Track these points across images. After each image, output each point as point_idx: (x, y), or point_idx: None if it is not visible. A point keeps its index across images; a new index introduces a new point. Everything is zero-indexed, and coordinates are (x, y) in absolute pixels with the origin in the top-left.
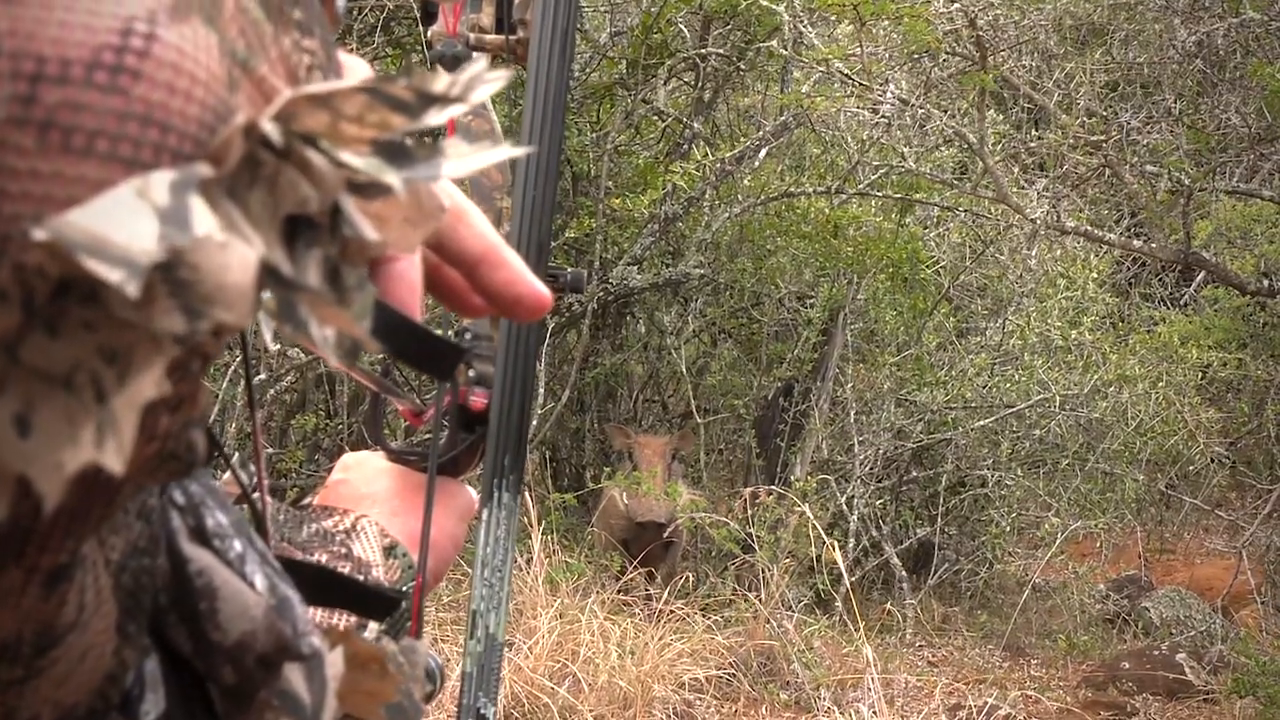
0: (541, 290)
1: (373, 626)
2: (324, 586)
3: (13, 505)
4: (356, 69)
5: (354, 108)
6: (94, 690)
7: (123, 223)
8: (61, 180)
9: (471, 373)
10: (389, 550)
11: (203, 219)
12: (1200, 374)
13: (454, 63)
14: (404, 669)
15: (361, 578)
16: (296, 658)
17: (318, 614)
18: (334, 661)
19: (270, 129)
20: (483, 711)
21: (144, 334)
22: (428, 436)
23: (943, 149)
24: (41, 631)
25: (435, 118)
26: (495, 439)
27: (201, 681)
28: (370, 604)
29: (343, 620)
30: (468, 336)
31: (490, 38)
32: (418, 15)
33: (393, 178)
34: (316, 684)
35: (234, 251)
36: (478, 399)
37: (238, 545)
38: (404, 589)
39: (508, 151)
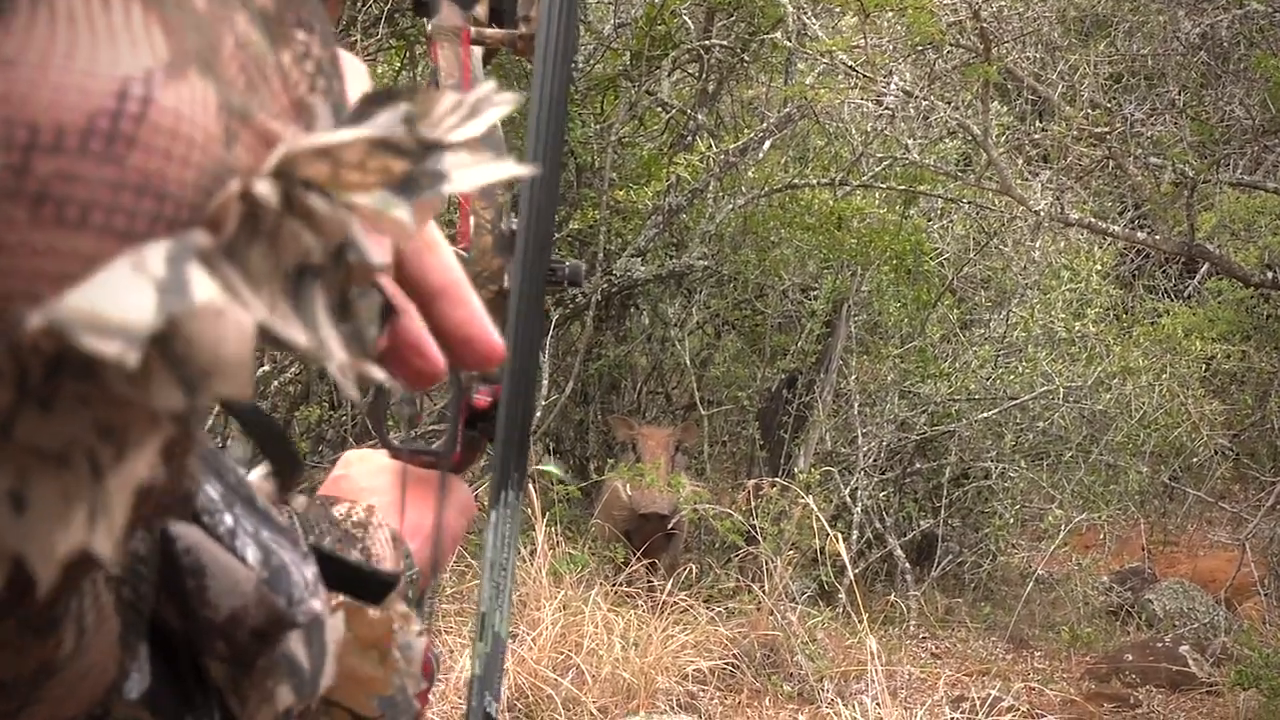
0: (495, 340)
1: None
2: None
3: (8, 579)
4: (354, 69)
5: (355, 155)
6: (95, 701)
7: (119, 298)
8: (55, 254)
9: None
10: (392, 541)
11: (202, 286)
12: (1204, 366)
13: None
14: (399, 664)
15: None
16: (291, 627)
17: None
18: (335, 626)
19: (267, 192)
20: (489, 711)
21: (141, 410)
22: (430, 432)
23: (947, 141)
24: (39, 669)
25: (438, 163)
26: (500, 443)
27: (192, 653)
28: (366, 586)
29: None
30: None
31: (490, 31)
32: (412, 5)
33: (402, 212)
34: (316, 648)
35: (231, 321)
36: (481, 397)
37: (228, 519)
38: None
39: (510, 168)
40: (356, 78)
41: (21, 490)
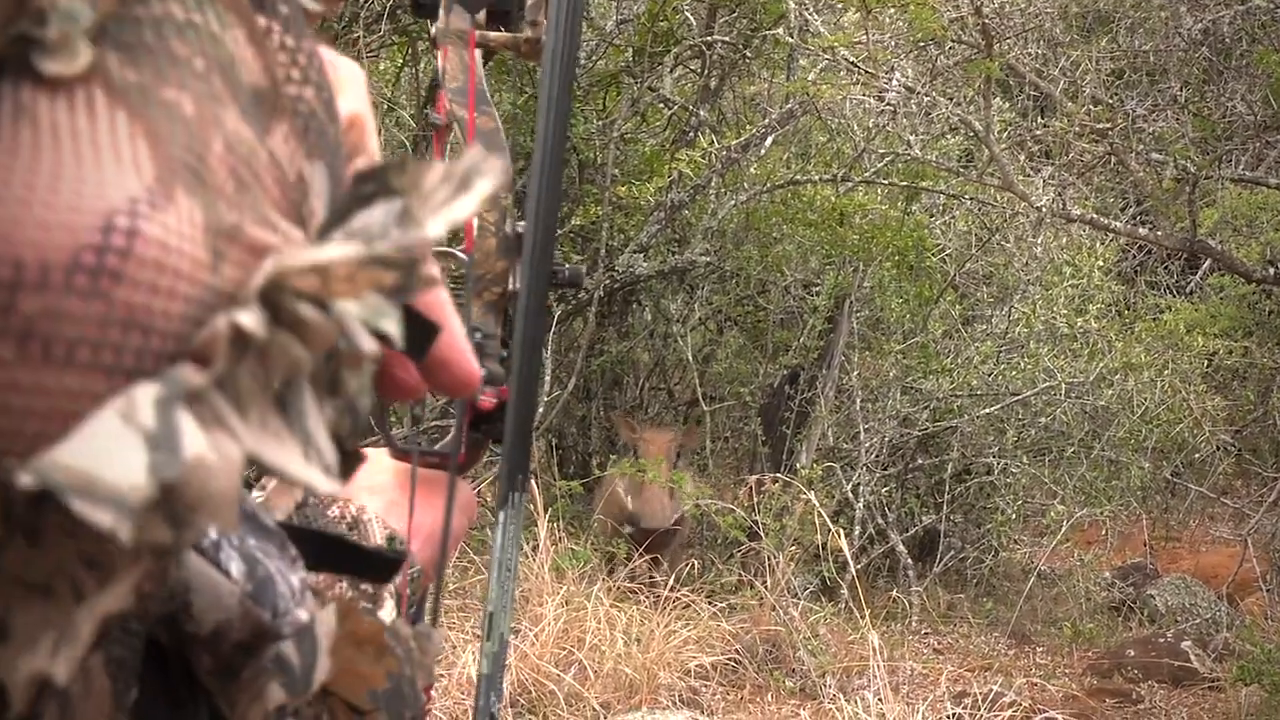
0: (472, 365)
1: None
2: (324, 550)
3: None
4: (349, 75)
5: (345, 270)
6: None
7: (110, 457)
8: (42, 391)
9: (482, 371)
10: (389, 541)
11: (192, 439)
12: (1206, 362)
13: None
14: (413, 655)
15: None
16: (276, 639)
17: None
18: (325, 620)
19: (255, 324)
20: (493, 711)
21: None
22: (433, 428)
23: (949, 137)
24: None
25: (426, 273)
26: (509, 447)
27: (181, 658)
28: (372, 566)
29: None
30: (477, 336)
31: (495, 35)
32: (410, 6)
33: (390, 323)
34: (306, 645)
35: (221, 463)
36: (486, 398)
37: (212, 532)
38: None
39: (477, 199)
40: (351, 84)
41: (5, 618)
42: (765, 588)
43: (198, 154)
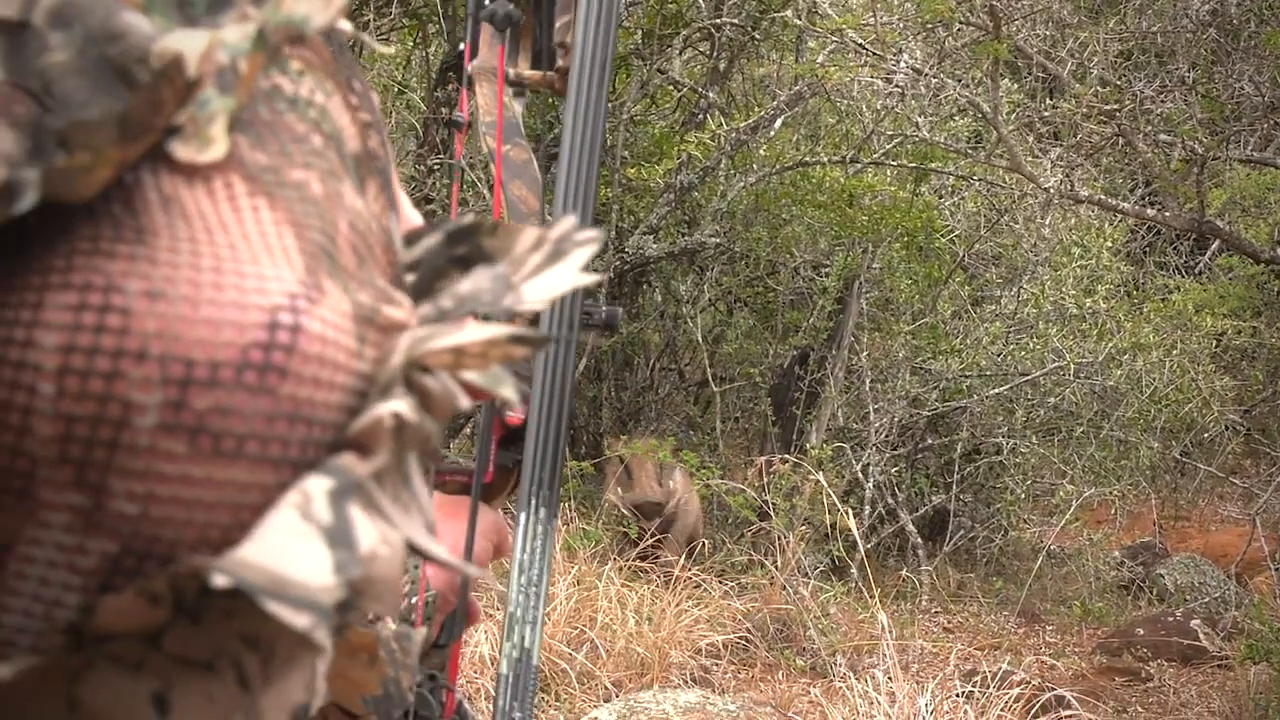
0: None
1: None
2: None
3: None
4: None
5: (479, 348)
6: None
7: (295, 555)
8: (212, 484)
9: (515, 392)
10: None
11: (365, 532)
12: (1214, 342)
13: (506, 21)
14: (395, 656)
15: None
16: None
17: None
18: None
19: (413, 414)
20: (513, 716)
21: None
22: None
23: (957, 118)
24: None
25: (541, 346)
26: (532, 447)
27: None
28: None
29: None
30: None
31: (529, 73)
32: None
33: (508, 389)
34: None
35: (389, 548)
36: (515, 415)
37: None
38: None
39: (574, 271)
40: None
41: (165, 694)
42: (775, 567)
43: (329, 236)
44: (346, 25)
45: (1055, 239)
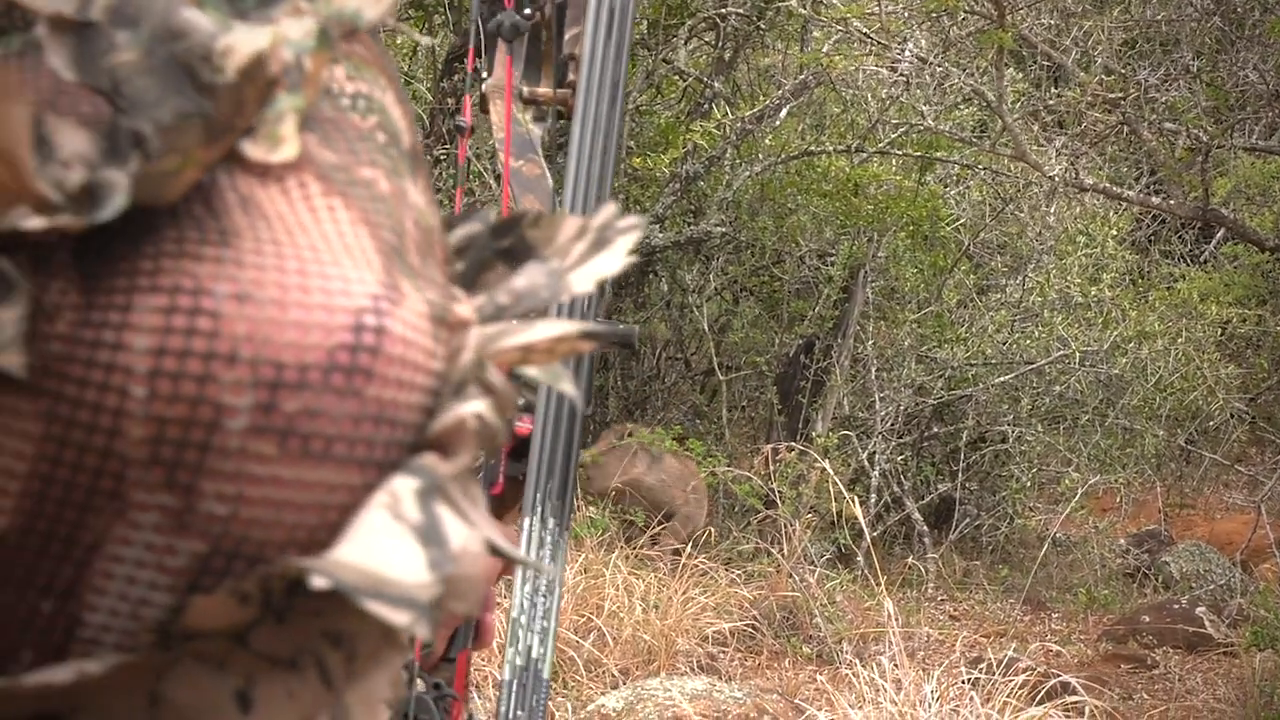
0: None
1: None
2: None
3: None
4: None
5: (548, 344)
6: None
7: (389, 554)
8: (301, 485)
9: (520, 400)
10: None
11: (454, 530)
12: (1220, 330)
13: (512, 31)
14: None
15: None
16: None
17: None
18: None
19: (492, 415)
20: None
21: (372, 621)
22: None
23: (962, 107)
24: None
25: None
26: (538, 454)
27: None
28: None
29: None
30: None
31: (544, 91)
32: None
33: (569, 386)
34: None
35: (477, 545)
36: (524, 425)
37: None
38: None
39: (621, 256)
40: None
41: (248, 691)
42: (782, 555)
43: (399, 234)
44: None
45: (1060, 228)
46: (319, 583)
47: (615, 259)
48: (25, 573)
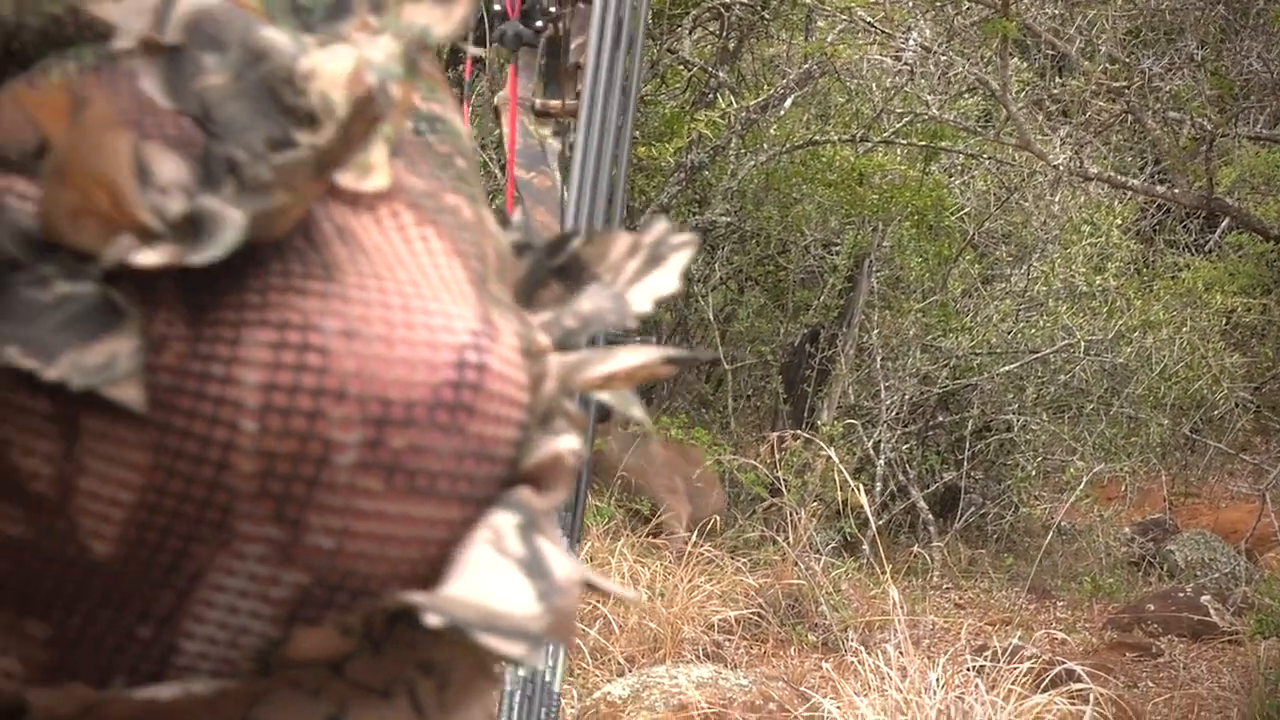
0: None
1: None
2: None
3: None
4: None
5: (629, 372)
6: None
7: (498, 588)
8: (405, 520)
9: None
10: None
11: (558, 563)
12: (1224, 319)
13: (516, 41)
14: None
15: None
16: None
17: None
18: None
19: (578, 448)
20: None
21: (465, 651)
22: None
23: (966, 96)
24: None
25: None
26: None
27: None
28: None
29: None
30: None
31: (554, 103)
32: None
33: (638, 410)
34: None
35: (578, 576)
36: None
37: None
38: None
39: (676, 274)
40: None
41: (341, 718)
42: (787, 543)
43: (484, 262)
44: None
45: (1065, 217)
46: (434, 621)
47: (670, 277)
48: (125, 598)
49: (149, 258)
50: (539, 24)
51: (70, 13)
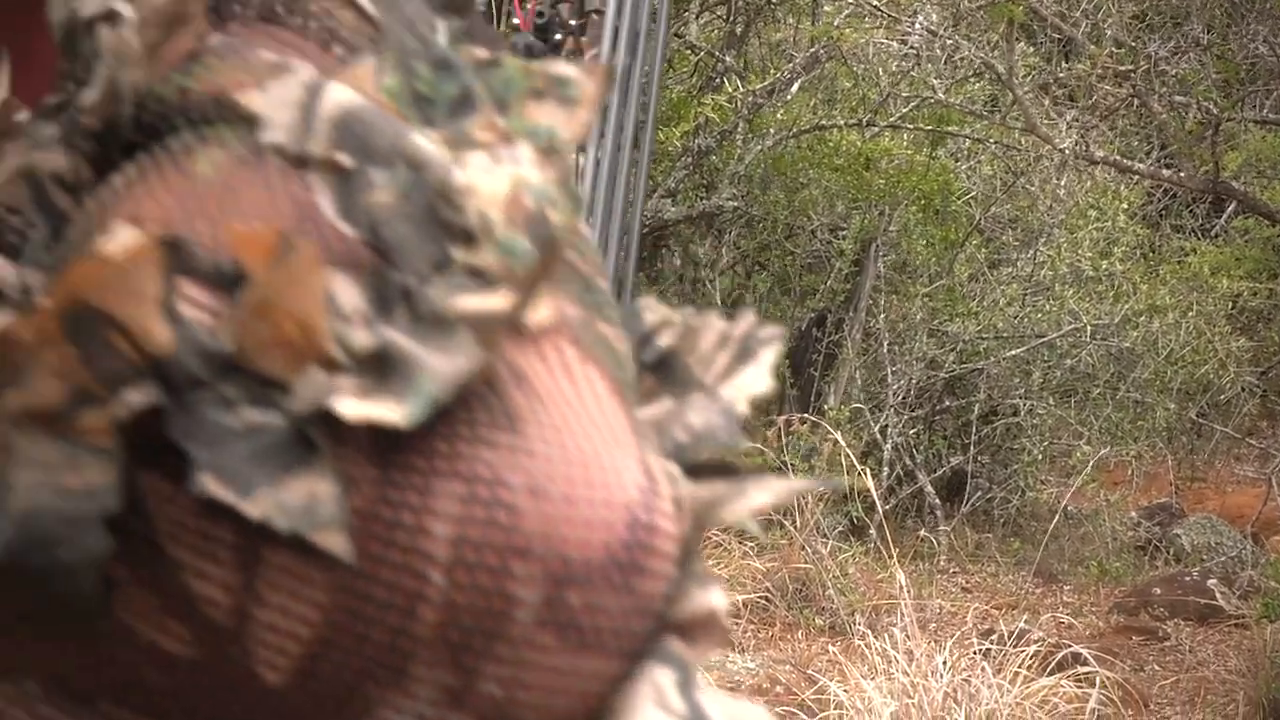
0: None
1: None
2: None
3: None
4: None
5: (761, 510)
6: None
7: None
8: (574, 674)
9: None
10: None
11: (716, 715)
12: (1231, 303)
13: (527, 53)
14: None
15: None
16: None
17: None
18: None
19: (726, 603)
20: None
21: None
22: None
23: (972, 81)
24: None
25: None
26: None
27: None
28: None
29: None
30: None
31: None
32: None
33: (755, 528)
34: None
35: None
36: None
37: None
38: None
39: (766, 372)
40: None
41: None
42: (795, 527)
43: (632, 388)
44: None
45: (1071, 201)
46: None
47: (763, 374)
48: None
49: (352, 409)
50: (557, 36)
51: (208, 91)
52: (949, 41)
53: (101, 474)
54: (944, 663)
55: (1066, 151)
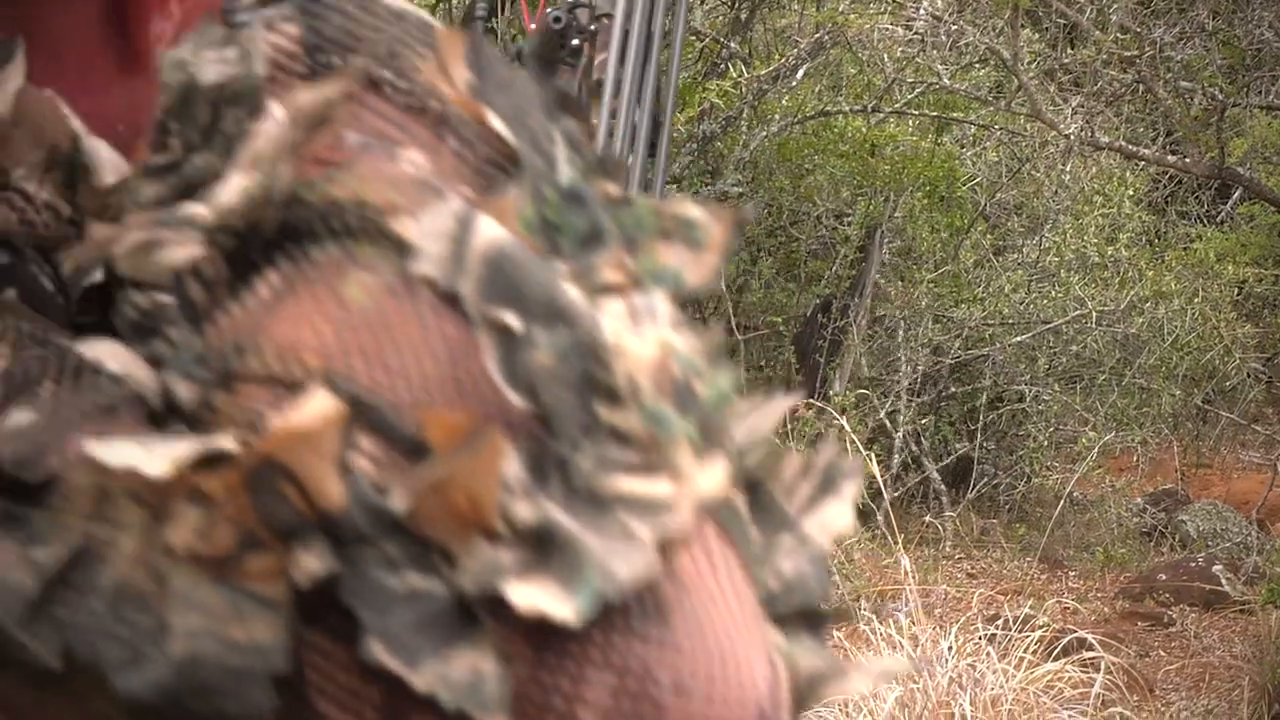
0: None
1: None
2: None
3: None
4: None
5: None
6: None
7: None
8: None
9: None
10: None
11: None
12: (1236, 290)
13: (531, 57)
14: None
15: None
16: None
17: None
18: None
19: None
20: None
21: None
22: None
23: (978, 67)
24: None
25: None
26: None
27: None
28: None
29: None
30: None
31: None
32: None
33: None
34: None
35: None
36: None
37: None
38: None
39: (848, 508)
40: None
41: None
42: None
43: (754, 558)
44: None
45: (1077, 187)
46: None
47: (845, 511)
48: None
49: (524, 597)
50: (575, 42)
51: (350, 200)
52: (954, 27)
53: (269, 630)
54: (949, 648)
55: (1072, 137)
